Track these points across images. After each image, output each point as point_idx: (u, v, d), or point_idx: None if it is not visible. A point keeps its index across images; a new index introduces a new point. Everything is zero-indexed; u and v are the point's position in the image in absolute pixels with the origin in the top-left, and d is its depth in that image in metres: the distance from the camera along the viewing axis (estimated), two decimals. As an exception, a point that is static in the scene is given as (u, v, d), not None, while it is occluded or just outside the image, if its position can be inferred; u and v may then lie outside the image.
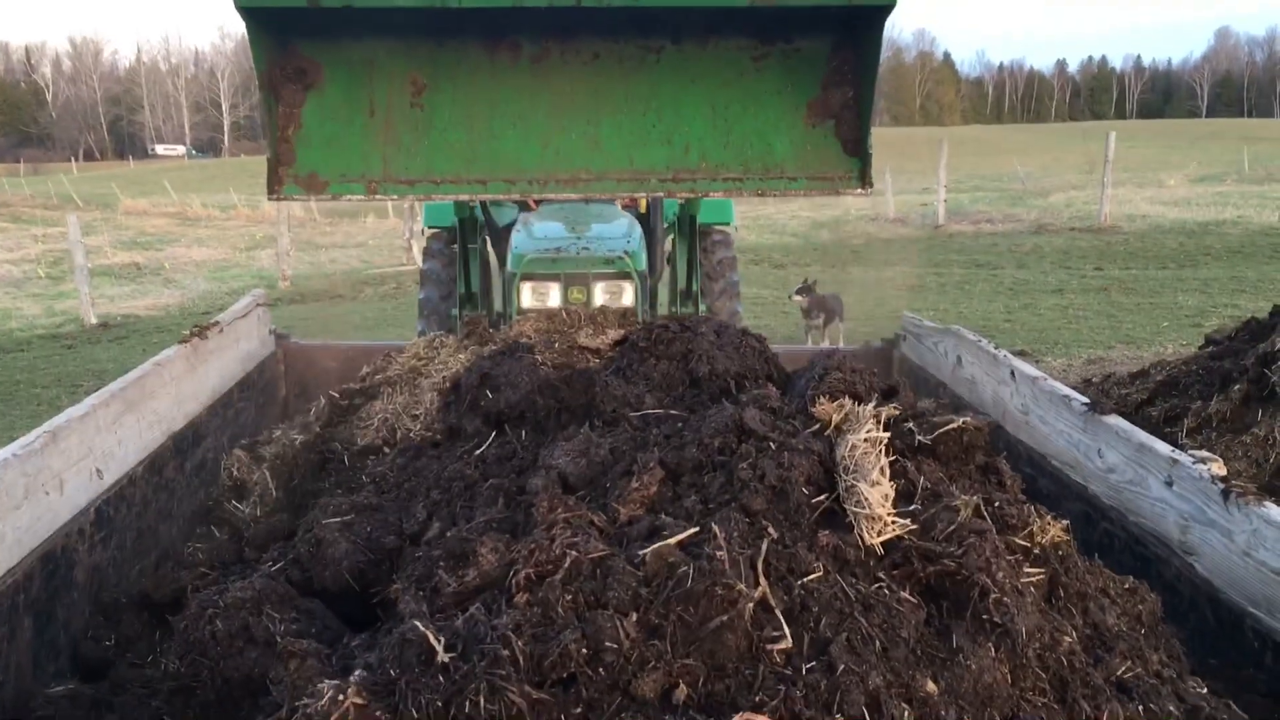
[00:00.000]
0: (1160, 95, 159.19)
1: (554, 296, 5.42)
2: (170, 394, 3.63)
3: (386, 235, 27.97)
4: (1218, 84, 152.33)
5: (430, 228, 7.86)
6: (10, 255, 23.80)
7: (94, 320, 14.48)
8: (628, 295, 5.43)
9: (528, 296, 5.45)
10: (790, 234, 24.29)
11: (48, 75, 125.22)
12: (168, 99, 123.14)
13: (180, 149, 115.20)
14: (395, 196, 3.41)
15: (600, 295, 5.40)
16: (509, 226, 6.43)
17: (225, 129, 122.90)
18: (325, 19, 3.13)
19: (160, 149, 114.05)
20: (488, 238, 7.01)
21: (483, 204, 6.63)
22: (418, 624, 1.56)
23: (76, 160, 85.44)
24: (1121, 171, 30.10)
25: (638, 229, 6.05)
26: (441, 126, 3.31)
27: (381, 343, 5.02)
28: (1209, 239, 19.25)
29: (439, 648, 1.53)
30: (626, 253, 5.54)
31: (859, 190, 3.31)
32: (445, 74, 3.29)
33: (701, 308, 7.27)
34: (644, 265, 5.72)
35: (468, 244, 6.93)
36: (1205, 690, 1.96)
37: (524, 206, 6.80)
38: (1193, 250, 17.96)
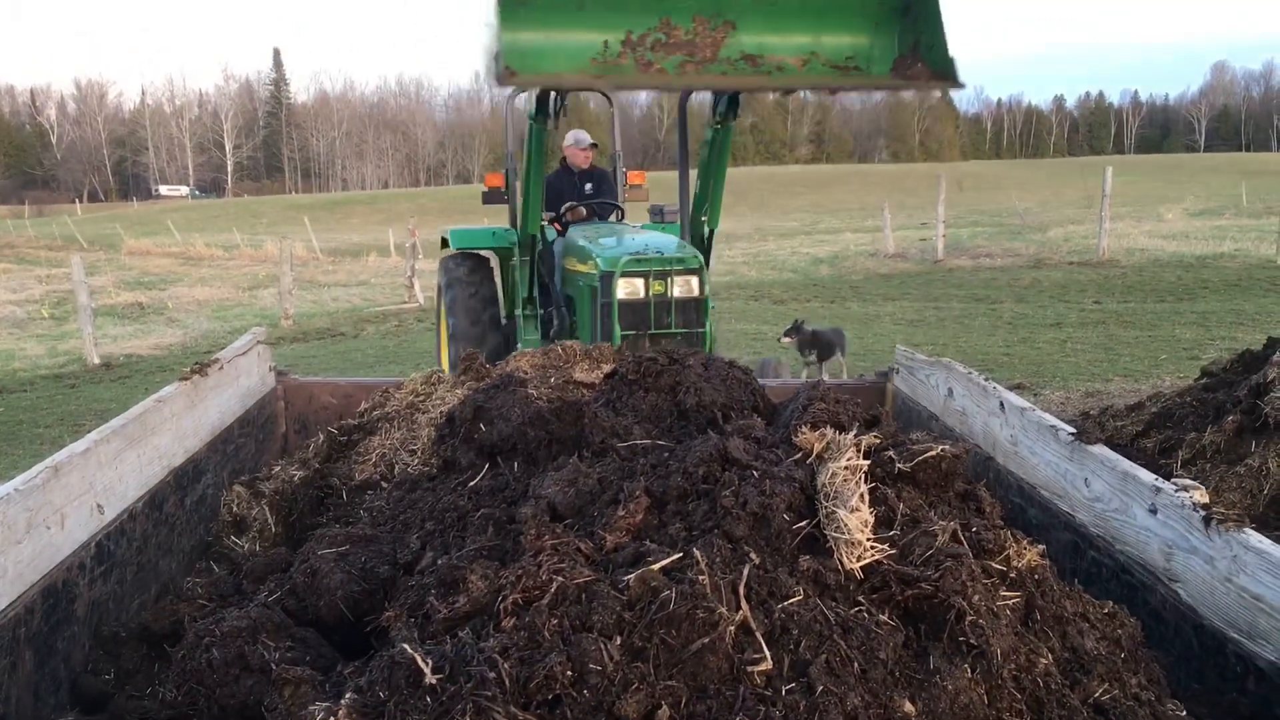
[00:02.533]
0: (1158, 130, 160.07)
1: (639, 289, 6.98)
2: (171, 430, 3.68)
3: (388, 273, 28.14)
4: (1215, 118, 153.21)
5: (462, 249, 8.67)
6: (14, 296, 23.94)
7: (96, 360, 14.55)
8: (694, 286, 7.02)
9: (622, 290, 6.92)
10: (790, 270, 24.42)
11: (52, 118, 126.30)
12: (171, 140, 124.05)
13: (184, 190, 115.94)
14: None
15: (677, 287, 7.00)
16: (549, 246, 8.00)
17: (228, 170, 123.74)
18: None
19: (164, 190, 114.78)
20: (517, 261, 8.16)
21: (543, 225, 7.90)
22: (406, 647, 1.60)
23: (81, 201, 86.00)
24: (1120, 206, 30.28)
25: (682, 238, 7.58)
26: None
27: (380, 379, 5.08)
28: (1207, 272, 19.34)
29: (427, 670, 1.57)
30: (694, 254, 7.10)
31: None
32: None
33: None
34: (704, 263, 7.18)
35: (514, 263, 8.16)
36: (1185, 713, 2.00)
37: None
38: (1191, 283, 18.04)
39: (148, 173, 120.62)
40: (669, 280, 7.01)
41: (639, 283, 6.98)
